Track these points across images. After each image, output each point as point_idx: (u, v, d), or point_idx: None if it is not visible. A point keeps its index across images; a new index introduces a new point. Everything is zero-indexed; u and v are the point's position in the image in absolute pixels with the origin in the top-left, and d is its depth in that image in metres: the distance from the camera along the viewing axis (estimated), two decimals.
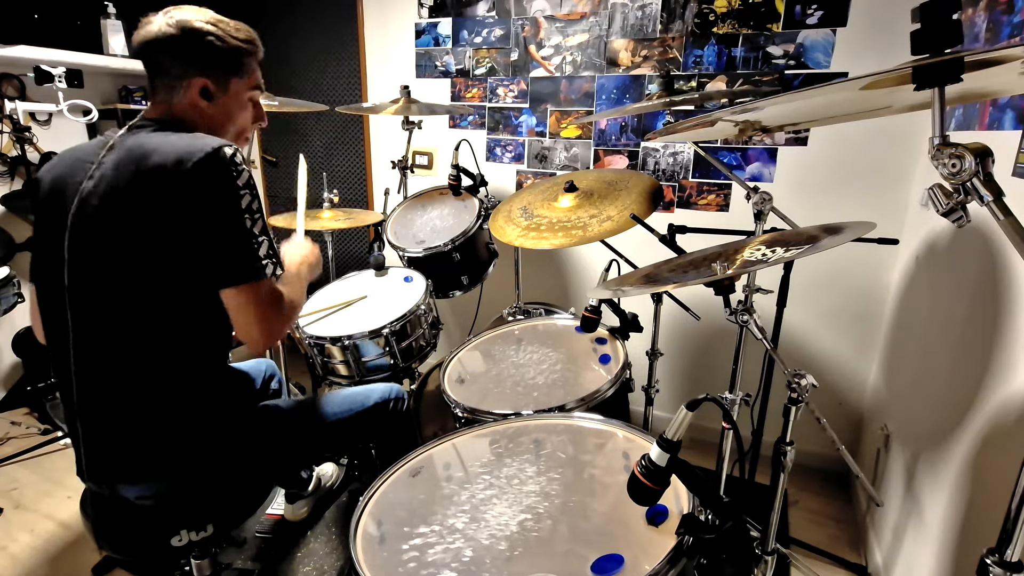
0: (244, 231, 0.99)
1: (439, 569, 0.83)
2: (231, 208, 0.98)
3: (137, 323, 1.00)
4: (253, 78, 1.15)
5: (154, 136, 1.01)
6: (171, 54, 1.05)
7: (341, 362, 1.75)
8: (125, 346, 1.01)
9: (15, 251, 2.51)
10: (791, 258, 0.94)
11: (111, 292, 0.99)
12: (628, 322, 1.54)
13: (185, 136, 1.00)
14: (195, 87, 1.07)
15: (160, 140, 0.99)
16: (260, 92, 1.19)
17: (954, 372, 1.32)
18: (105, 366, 1.02)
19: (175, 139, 0.99)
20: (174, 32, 1.04)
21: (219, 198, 0.97)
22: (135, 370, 1.02)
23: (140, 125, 1.06)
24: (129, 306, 0.99)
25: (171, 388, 1.05)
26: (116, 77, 2.91)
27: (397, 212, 2.30)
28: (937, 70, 0.62)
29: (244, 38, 1.11)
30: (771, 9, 1.98)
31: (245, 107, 1.16)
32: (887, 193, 1.96)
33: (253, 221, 1.00)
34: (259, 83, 1.17)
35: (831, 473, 2.20)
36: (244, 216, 0.99)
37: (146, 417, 1.04)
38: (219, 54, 1.07)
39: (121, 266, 0.97)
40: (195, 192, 0.95)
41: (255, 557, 1.72)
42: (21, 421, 2.58)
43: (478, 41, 2.52)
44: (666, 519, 0.87)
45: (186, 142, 0.98)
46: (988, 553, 0.67)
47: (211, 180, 0.96)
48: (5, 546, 1.86)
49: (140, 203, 0.95)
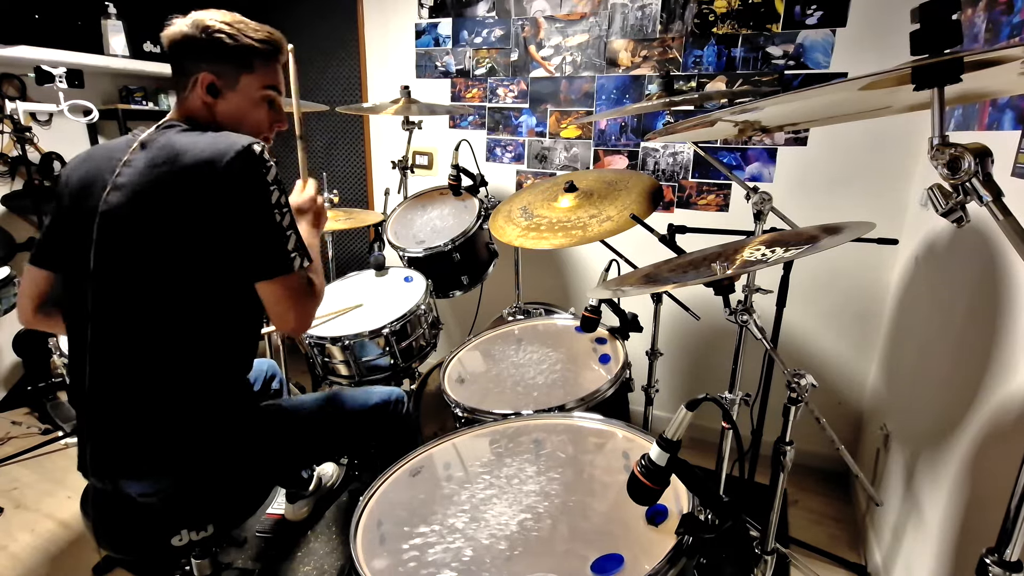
0: (276, 226, 1.01)
1: (439, 569, 0.84)
2: (263, 204, 1.00)
3: (160, 320, 1.01)
4: (267, 76, 1.14)
5: (184, 136, 1.03)
6: (184, 51, 1.08)
7: (341, 362, 1.75)
8: (145, 341, 1.02)
9: (15, 251, 2.51)
10: (791, 258, 0.94)
11: (137, 287, 1.00)
12: (628, 322, 1.55)
13: (213, 135, 1.02)
14: (203, 82, 1.08)
15: (190, 140, 1.01)
16: (277, 93, 1.18)
17: (954, 372, 1.32)
18: (121, 358, 1.03)
19: (205, 138, 1.01)
20: (188, 31, 1.06)
21: (251, 195, 0.99)
22: (151, 365, 1.03)
23: (169, 125, 1.08)
24: (154, 303, 1.00)
25: (187, 387, 1.05)
26: (116, 77, 2.91)
27: (397, 212, 2.31)
28: (937, 70, 0.62)
29: (261, 38, 1.11)
30: (771, 9, 1.98)
31: (258, 105, 1.15)
32: (887, 193, 1.96)
33: (282, 215, 1.03)
34: (275, 83, 1.17)
35: (831, 473, 2.20)
36: (275, 211, 1.01)
37: (155, 413, 1.04)
38: (227, 49, 1.08)
39: (150, 262, 0.99)
40: (228, 190, 0.97)
41: (255, 557, 1.73)
42: (21, 421, 2.58)
43: (478, 41, 2.52)
44: (666, 519, 0.87)
45: (216, 141, 0.99)
46: (988, 553, 0.67)
47: (243, 178, 0.98)
48: (5, 546, 1.86)
49: (173, 201, 0.97)
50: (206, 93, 1.09)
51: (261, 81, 1.14)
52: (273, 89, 1.16)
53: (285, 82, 1.22)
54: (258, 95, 1.14)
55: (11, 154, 2.53)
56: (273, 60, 1.15)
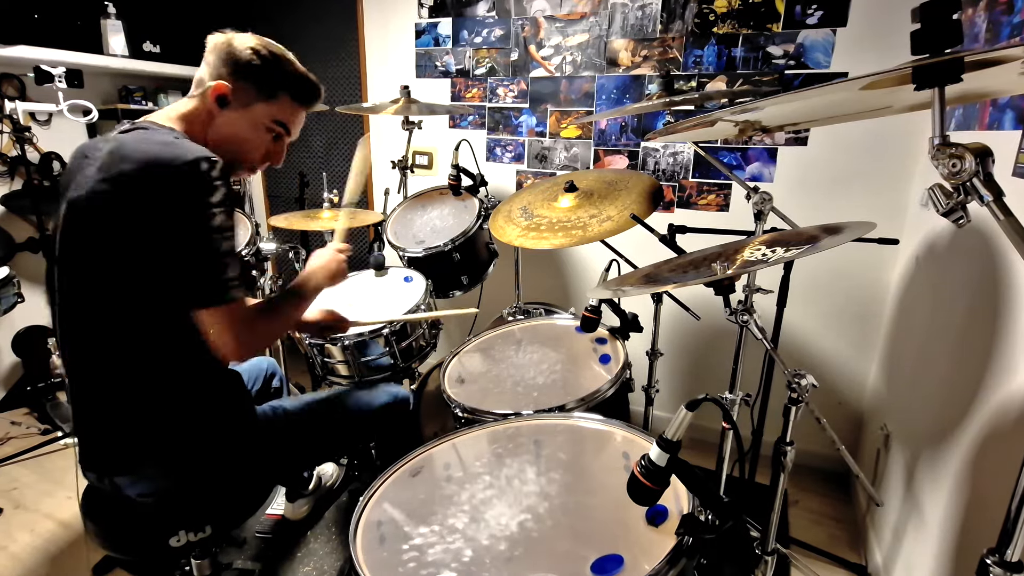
0: (212, 252, 0.94)
1: (439, 569, 0.83)
2: (201, 227, 0.93)
3: (122, 325, 0.98)
4: (283, 111, 1.12)
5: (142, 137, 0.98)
6: (219, 57, 1.07)
7: (341, 362, 1.74)
8: (111, 346, 1.00)
9: (15, 251, 2.51)
10: (791, 258, 0.94)
11: (94, 293, 0.97)
12: (628, 322, 1.54)
13: (167, 142, 0.96)
14: (218, 89, 1.06)
15: (138, 143, 0.95)
16: (286, 132, 1.15)
17: (954, 372, 1.32)
18: (92, 365, 1.02)
19: (154, 144, 0.95)
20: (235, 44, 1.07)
21: (189, 215, 0.92)
22: (122, 369, 1.01)
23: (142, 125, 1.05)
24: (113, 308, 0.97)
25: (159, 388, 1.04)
26: (116, 77, 2.90)
27: (397, 212, 2.30)
28: (937, 70, 0.62)
29: (294, 72, 1.12)
30: (771, 9, 1.98)
31: (259, 132, 1.12)
32: (887, 193, 1.96)
33: (222, 240, 0.95)
34: (289, 123, 1.14)
35: (831, 473, 2.20)
36: (214, 235, 0.94)
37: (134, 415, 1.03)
38: (253, 68, 1.07)
39: (101, 270, 0.95)
40: (166, 205, 0.91)
41: (255, 557, 1.72)
42: (21, 421, 2.58)
43: (478, 41, 2.52)
44: (666, 519, 0.87)
45: (163, 149, 0.93)
46: (988, 553, 0.67)
47: (183, 195, 0.92)
48: (5, 546, 1.86)
49: (114, 209, 0.92)
50: (214, 102, 1.07)
51: (273, 112, 1.12)
52: (283, 127, 1.14)
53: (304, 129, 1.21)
54: (265, 123, 1.12)
55: (10, 154, 2.53)
56: (300, 103, 1.14)
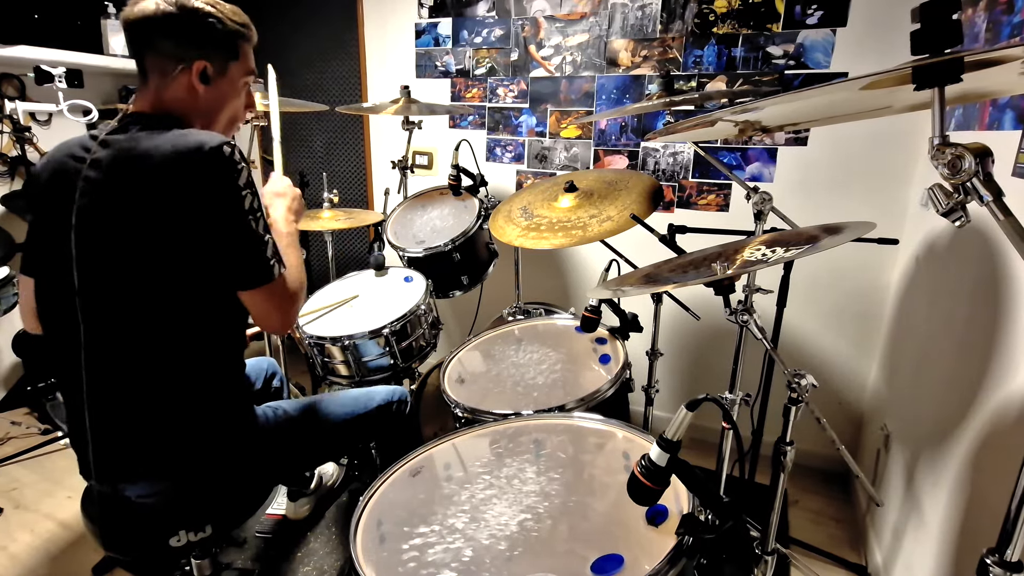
0: (251, 234, 0.98)
1: (439, 569, 0.83)
2: (235, 211, 0.96)
3: (151, 324, 0.99)
4: (248, 63, 1.14)
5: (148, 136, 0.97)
6: (169, 34, 1.02)
7: (341, 362, 1.75)
8: (139, 346, 1.00)
9: (15, 251, 2.51)
10: (791, 258, 0.94)
11: (124, 294, 0.97)
12: (628, 322, 1.54)
13: (179, 134, 0.97)
14: (194, 70, 1.04)
15: (155, 140, 0.95)
16: (253, 77, 1.17)
17: (954, 372, 1.32)
18: (117, 365, 1.01)
19: (171, 138, 0.95)
20: (172, 11, 1.01)
21: (222, 203, 0.95)
22: (147, 370, 1.01)
23: (131, 121, 1.01)
24: (143, 308, 0.98)
25: (184, 389, 1.04)
26: (116, 77, 2.91)
27: (397, 212, 2.30)
28: (937, 70, 0.62)
29: (241, 22, 1.10)
30: (771, 9, 1.98)
31: (239, 93, 1.14)
32: (887, 193, 1.96)
33: (256, 221, 0.99)
34: (253, 68, 1.16)
35: (831, 473, 2.20)
36: (248, 218, 0.97)
37: (155, 417, 1.03)
38: (218, 36, 1.06)
39: (131, 270, 0.96)
40: (198, 196, 0.93)
41: (255, 557, 1.72)
42: (21, 421, 2.58)
43: (478, 41, 2.52)
44: (666, 519, 0.87)
45: (182, 142, 0.94)
46: (988, 553, 0.67)
47: (213, 183, 0.94)
48: (5, 546, 1.86)
49: (142, 207, 0.93)
50: (199, 81, 1.05)
51: (244, 68, 1.13)
52: (251, 74, 1.15)
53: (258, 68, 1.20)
54: (241, 82, 1.13)
55: (11, 154, 2.53)
56: (250, 44, 1.14)
